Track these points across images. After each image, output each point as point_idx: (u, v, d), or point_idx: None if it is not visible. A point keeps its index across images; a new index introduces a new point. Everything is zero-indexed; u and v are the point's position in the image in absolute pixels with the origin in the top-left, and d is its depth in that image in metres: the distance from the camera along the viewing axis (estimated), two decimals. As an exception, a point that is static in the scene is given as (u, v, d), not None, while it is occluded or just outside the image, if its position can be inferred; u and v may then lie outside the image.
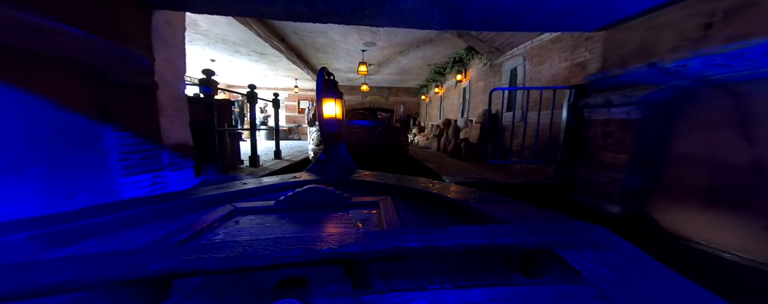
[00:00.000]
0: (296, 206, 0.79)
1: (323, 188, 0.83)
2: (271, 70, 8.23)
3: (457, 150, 4.95)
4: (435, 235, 0.42)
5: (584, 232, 0.45)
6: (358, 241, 0.39)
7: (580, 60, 2.71)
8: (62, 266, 0.31)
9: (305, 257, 0.36)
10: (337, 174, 1.30)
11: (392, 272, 0.46)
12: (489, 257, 0.53)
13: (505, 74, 4.37)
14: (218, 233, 0.65)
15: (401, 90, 11.29)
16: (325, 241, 0.38)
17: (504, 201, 0.75)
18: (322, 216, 0.75)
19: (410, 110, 11.52)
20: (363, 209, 0.81)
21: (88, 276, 0.30)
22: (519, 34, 3.72)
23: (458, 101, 6.69)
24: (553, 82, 3.10)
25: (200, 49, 5.83)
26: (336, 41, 5.41)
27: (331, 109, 1.40)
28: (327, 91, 1.41)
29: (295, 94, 12.20)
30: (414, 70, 7.85)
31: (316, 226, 0.70)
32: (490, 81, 4.90)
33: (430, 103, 9.65)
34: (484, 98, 5.08)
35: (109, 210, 0.68)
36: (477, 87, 5.54)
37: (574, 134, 2.43)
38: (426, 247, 0.39)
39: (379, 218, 0.73)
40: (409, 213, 0.78)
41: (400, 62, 6.97)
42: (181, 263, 0.33)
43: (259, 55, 6.40)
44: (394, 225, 0.66)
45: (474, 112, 5.66)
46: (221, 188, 1.00)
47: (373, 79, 9.54)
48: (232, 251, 0.35)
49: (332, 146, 1.38)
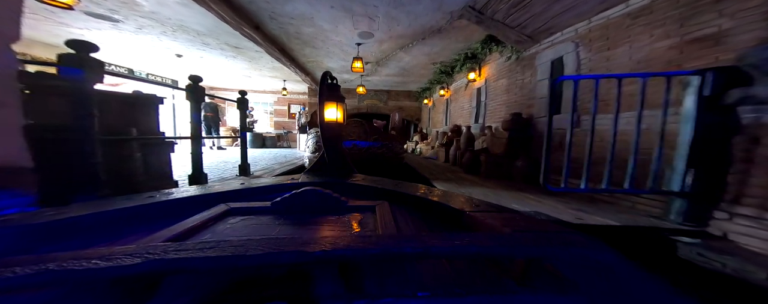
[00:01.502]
0: (292, 207, 0.79)
1: (320, 190, 0.82)
2: (253, 69, 7.21)
3: (473, 164, 3.93)
4: (429, 241, 0.40)
5: (580, 244, 0.42)
6: (352, 244, 0.36)
7: (708, 31, 1.74)
8: (41, 261, 0.29)
9: (298, 258, 0.34)
10: (335, 177, 1.30)
11: (385, 276, 0.44)
12: (483, 265, 0.51)
13: (541, 68, 3.41)
14: (211, 232, 0.63)
15: (401, 93, 10.33)
16: (319, 243, 0.36)
17: (501, 210, 0.72)
18: (318, 219, 0.75)
19: (411, 116, 10.54)
20: (359, 212, 0.80)
21: (67, 274, 0.28)
22: (565, 14, 2.77)
23: (470, 104, 5.71)
24: (640, 70, 2.13)
25: (156, 39, 4.80)
26: (325, 32, 4.43)
27: (332, 113, 1.45)
28: (329, 94, 1.44)
29: (284, 98, 11.18)
30: (416, 70, 6.90)
31: (312, 228, 0.69)
32: (516, 78, 3.93)
33: (434, 108, 8.68)
34: (507, 99, 4.11)
35: (96, 207, 0.68)
36: (497, 86, 4.56)
37: (712, 148, 1.43)
38: (420, 252, 0.37)
39: (374, 222, 0.72)
40: (405, 218, 0.78)
41: (402, 60, 6.01)
42: (168, 260, 0.30)
43: (233, 49, 5.39)
44: (390, 230, 0.64)
45: (493, 116, 4.66)
46: (216, 187, 1.00)
47: (370, 81, 8.57)
48: (223, 250, 0.33)
49: (331, 149, 1.42)
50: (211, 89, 10.94)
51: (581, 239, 0.43)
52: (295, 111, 11.14)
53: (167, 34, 4.63)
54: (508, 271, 0.48)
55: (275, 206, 0.77)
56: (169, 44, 5.10)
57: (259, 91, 10.94)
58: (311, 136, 4.44)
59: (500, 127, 3.70)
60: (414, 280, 0.44)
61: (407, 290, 0.41)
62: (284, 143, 10.89)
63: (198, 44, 5.10)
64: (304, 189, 0.80)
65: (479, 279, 0.46)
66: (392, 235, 0.56)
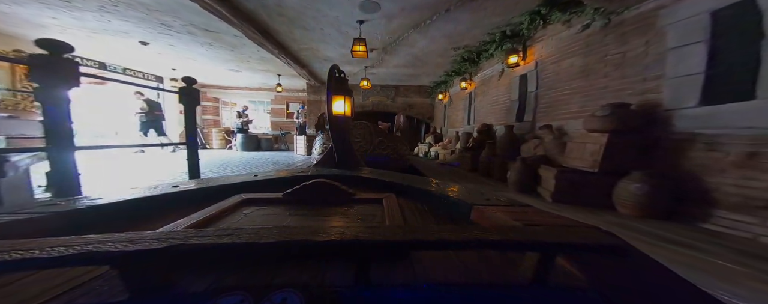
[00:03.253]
0: (302, 198, 0.82)
1: (329, 182, 0.85)
2: (238, 60, 6.14)
3: (525, 178, 2.72)
4: (436, 232, 0.39)
5: (596, 238, 0.39)
6: (359, 234, 0.36)
7: None
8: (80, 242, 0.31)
9: (306, 246, 0.35)
10: (344, 170, 1.32)
11: (392, 267, 0.44)
12: (493, 258, 0.49)
13: (675, 30, 2.04)
14: (228, 220, 0.67)
15: (411, 89, 9.12)
16: (327, 232, 0.37)
17: (511, 204, 0.71)
18: (327, 209, 0.77)
19: (422, 114, 9.32)
20: (367, 204, 0.82)
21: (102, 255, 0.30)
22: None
23: (508, 97, 4.43)
24: None
25: (100, 18, 3.74)
26: (316, 3, 3.29)
27: (340, 107, 1.48)
28: (336, 88, 1.46)
29: (282, 96, 10.11)
30: (432, 59, 5.69)
31: (321, 218, 0.72)
32: (606, 53, 2.59)
33: (451, 104, 7.43)
34: (587, 85, 2.80)
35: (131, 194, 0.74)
36: (561, 69, 3.21)
37: None
38: (426, 243, 0.36)
39: (382, 214, 0.73)
40: (412, 211, 0.80)
41: (415, 45, 4.82)
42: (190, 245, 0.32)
43: (205, 32, 4.31)
44: (397, 221, 0.65)
45: (554, 111, 3.37)
46: (233, 179, 1.04)
47: (376, 75, 7.41)
48: (238, 237, 0.34)
49: (340, 143, 1.45)
50: (202, 87, 9.98)
51: (598, 233, 0.41)
52: (293, 110, 10.07)
53: (115, 14, 3.57)
54: (518, 265, 0.45)
55: (287, 197, 0.82)
56: (121, 27, 4.05)
57: (254, 88, 9.91)
58: (319, 139, 4.32)
59: (583, 127, 2.43)
60: (420, 271, 0.44)
61: (413, 280, 0.42)
62: (282, 146, 9.85)
63: (157, 26, 4.04)
64: (313, 181, 0.84)
65: (488, 272, 0.45)
66: (399, 226, 0.60)
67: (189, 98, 2.00)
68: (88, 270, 0.40)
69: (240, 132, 8.69)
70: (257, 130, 10.02)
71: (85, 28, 4.17)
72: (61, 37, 3.96)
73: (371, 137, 4.13)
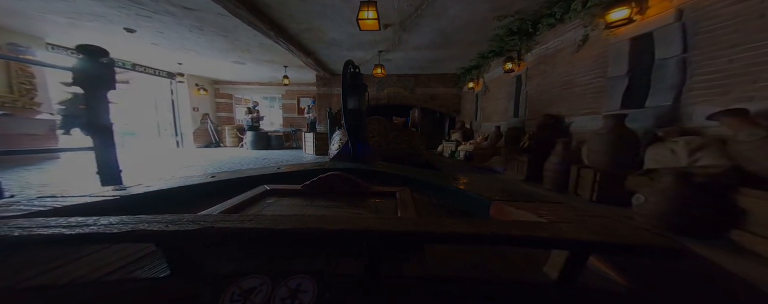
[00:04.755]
0: (320, 190, 0.88)
1: (345, 175, 0.90)
2: (237, 49, 5.43)
3: (697, 212, 1.55)
4: (450, 225, 0.38)
5: (644, 239, 0.36)
6: (371, 225, 0.38)
7: None
8: (132, 221, 0.37)
9: (320, 234, 0.37)
10: (359, 164, 1.37)
11: (404, 259, 0.46)
12: (513, 254, 0.49)
13: None
14: (252, 208, 0.76)
15: (433, 78, 7.97)
16: (340, 222, 0.39)
17: (534, 201, 0.68)
18: (343, 201, 0.82)
19: (446, 107, 8.15)
20: (381, 197, 0.86)
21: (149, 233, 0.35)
22: None
23: (595, 74, 3.02)
24: None
25: None
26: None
27: (355, 101, 1.55)
28: (351, 83, 1.54)
29: (293, 91, 9.43)
30: (463, 35, 4.55)
31: (336, 209, 0.77)
32: None
33: (486, 93, 6.20)
34: None
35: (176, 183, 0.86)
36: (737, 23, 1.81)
37: None
38: (439, 235, 0.36)
39: (395, 206, 0.76)
40: (426, 206, 0.84)
41: (443, 15, 3.74)
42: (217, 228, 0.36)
43: (185, 11, 3.56)
44: (411, 214, 0.67)
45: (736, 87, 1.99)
46: (257, 171, 1.17)
47: (392, 62, 6.38)
48: (259, 223, 0.38)
49: (356, 137, 1.54)
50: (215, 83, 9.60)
51: (647, 234, 0.37)
52: (304, 105, 9.36)
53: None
54: (542, 262, 0.44)
55: (305, 189, 0.88)
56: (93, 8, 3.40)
57: (264, 83, 9.33)
58: (337, 135, 4.12)
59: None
60: (433, 264, 0.44)
61: (426, 273, 0.42)
62: (293, 143, 9.21)
63: (131, 7, 3.34)
64: (329, 174, 0.90)
65: (506, 268, 0.44)
66: (412, 218, 0.60)
67: (89, 76, 1.22)
68: (141, 247, 0.48)
69: (250, 129, 8.13)
70: (269, 127, 9.46)
71: (60, 13, 3.60)
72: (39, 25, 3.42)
73: (386, 133, 3.97)
